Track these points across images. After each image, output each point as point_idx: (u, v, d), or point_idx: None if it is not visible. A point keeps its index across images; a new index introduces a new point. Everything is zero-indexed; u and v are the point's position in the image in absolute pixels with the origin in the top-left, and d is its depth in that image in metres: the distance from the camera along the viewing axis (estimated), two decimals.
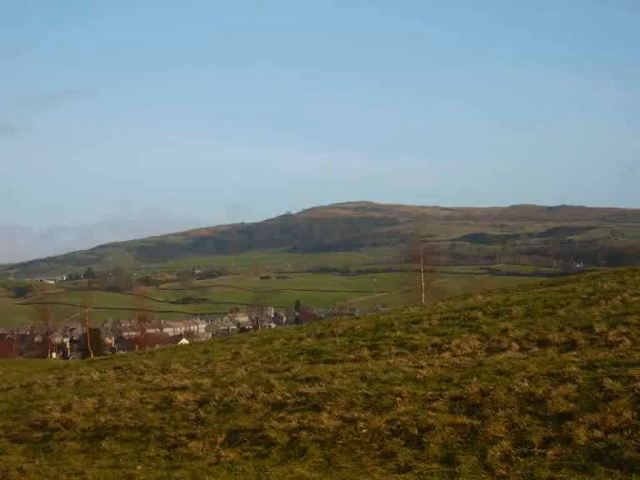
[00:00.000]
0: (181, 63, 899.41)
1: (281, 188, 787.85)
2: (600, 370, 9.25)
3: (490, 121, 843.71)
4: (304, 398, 10.36)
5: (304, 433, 9.04)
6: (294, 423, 9.41)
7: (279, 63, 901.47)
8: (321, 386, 10.66)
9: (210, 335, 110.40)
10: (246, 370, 13.57)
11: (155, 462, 9.17)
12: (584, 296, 16.45)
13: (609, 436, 7.35)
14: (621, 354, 10.18)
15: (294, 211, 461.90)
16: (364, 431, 8.77)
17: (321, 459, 8.34)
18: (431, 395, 9.50)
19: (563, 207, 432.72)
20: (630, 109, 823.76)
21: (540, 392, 8.76)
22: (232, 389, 11.56)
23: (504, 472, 7.10)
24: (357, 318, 22.42)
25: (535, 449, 7.45)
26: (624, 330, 11.72)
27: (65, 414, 12.04)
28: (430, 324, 15.54)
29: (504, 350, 11.81)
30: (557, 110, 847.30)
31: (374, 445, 8.40)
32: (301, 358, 14.13)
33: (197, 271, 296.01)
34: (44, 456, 10.23)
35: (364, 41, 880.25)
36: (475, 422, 8.36)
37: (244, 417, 10.15)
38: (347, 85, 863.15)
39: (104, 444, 10.24)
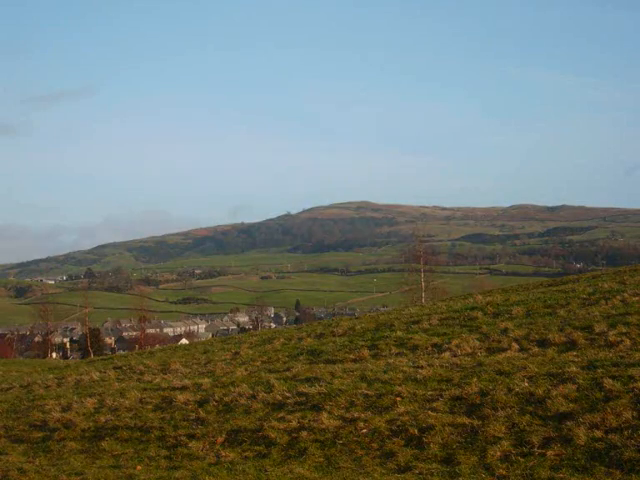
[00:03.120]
0: (181, 62, 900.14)
1: (281, 188, 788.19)
2: (600, 370, 9.25)
3: (490, 121, 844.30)
4: (304, 398, 10.36)
5: (304, 433, 9.04)
6: (294, 423, 9.41)
7: (279, 64, 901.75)
8: (321, 386, 10.66)
9: (210, 335, 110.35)
10: (246, 370, 13.56)
11: (155, 462, 9.17)
12: (584, 296, 16.42)
13: (609, 436, 7.36)
14: (621, 354, 10.18)
15: (294, 211, 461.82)
16: (364, 431, 8.77)
17: (321, 459, 8.35)
18: (431, 395, 9.51)
19: (563, 207, 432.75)
20: (630, 109, 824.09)
21: (540, 392, 8.76)
22: (232, 389, 11.56)
23: (504, 472, 7.11)
24: (357, 318, 22.37)
25: (535, 449, 7.45)
26: (624, 330, 11.71)
27: (65, 414, 12.03)
28: (430, 324, 15.52)
29: (504, 350, 11.80)
30: (557, 110, 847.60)
31: (374, 445, 8.41)
32: (301, 358, 14.12)
33: (197, 271, 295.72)
34: (44, 456, 10.23)
35: (364, 41, 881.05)
36: (475, 422, 8.36)
37: (244, 417, 10.15)
38: (347, 85, 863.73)
39: (104, 444, 10.24)
